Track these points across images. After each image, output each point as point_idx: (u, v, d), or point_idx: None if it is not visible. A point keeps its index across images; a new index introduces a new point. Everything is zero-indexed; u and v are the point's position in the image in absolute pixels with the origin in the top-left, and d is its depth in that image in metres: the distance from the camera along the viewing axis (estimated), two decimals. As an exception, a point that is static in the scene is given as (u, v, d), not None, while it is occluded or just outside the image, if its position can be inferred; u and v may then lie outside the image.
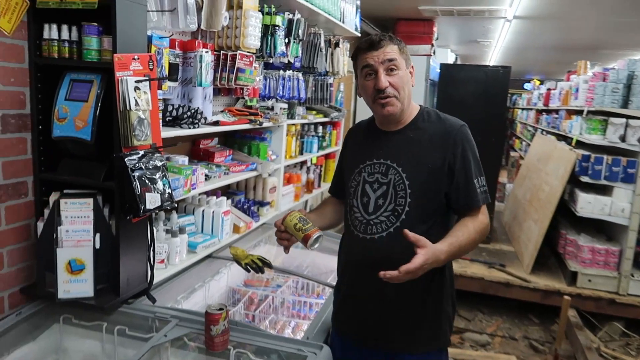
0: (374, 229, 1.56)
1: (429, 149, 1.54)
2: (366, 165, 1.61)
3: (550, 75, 13.91)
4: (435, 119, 1.60)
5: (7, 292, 1.60)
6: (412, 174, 1.53)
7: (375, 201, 1.56)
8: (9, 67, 1.51)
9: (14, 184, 1.58)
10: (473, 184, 1.52)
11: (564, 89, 6.03)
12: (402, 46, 1.55)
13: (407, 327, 1.58)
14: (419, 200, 1.52)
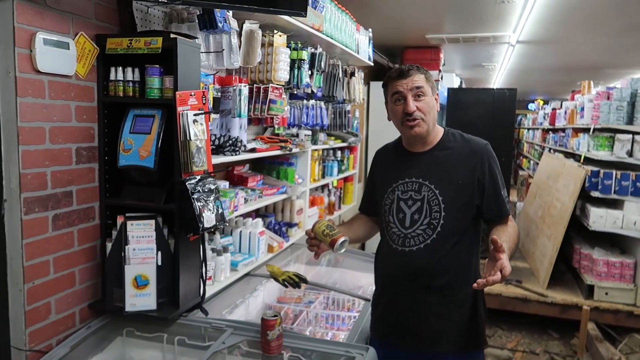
0: (411, 242, 1.70)
1: (458, 167, 1.70)
2: (399, 184, 1.76)
3: (553, 95, 14.15)
4: (460, 139, 1.76)
5: (78, 307, 1.76)
6: (444, 189, 1.68)
7: (412, 216, 1.71)
8: (82, 105, 1.72)
9: (85, 209, 1.76)
10: (501, 195, 1.70)
11: (570, 108, 6.22)
12: (428, 75, 1.73)
13: (449, 331, 1.70)
14: (453, 213, 1.67)
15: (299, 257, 3.04)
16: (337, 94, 3.46)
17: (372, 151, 6.81)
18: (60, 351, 1.62)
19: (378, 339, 1.85)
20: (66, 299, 1.71)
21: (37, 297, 1.60)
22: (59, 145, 1.64)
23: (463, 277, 1.70)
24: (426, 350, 1.72)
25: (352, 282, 2.85)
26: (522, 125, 14.38)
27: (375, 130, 5.87)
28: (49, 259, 1.63)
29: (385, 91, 1.78)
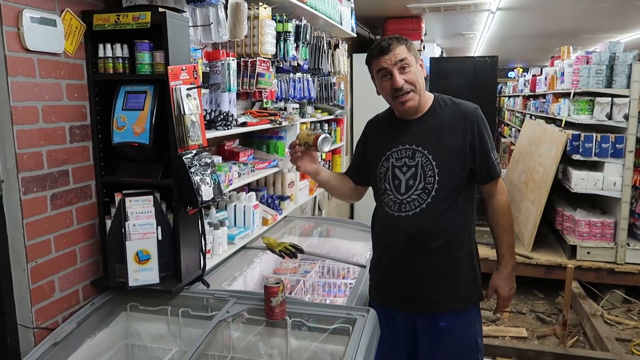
0: (407, 207, 1.75)
1: (450, 132, 1.74)
2: (393, 152, 1.79)
3: (532, 62, 14.25)
4: (451, 104, 1.79)
5: (81, 284, 1.79)
6: (437, 154, 1.72)
7: (407, 182, 1.75)
8: (73, 83, 1.70)
9: (81, 187, 1.77)
10: (491, 158, 1.75)
11: (550, 74, 6.30)
12: (409, 44, 1.72)
13: (447, 290, 1.77)
14: (446, 177, 1.72)
15: (292, 229, 3.08)
16: (322, 66, 3.46)
17: (357, 123, 6.83)
18: (67, 327, 1.64)
19: (378, 302, 1.90)
20: (69, 277, 1.73)
21: (41, 275, 1.61)
22: (53, 124, 1.63)
23: (458, 238, 1.77)
24: (425, 311, 1.79)
25: (345, 251, 2.91)
26: (502, 94, 14.50)
27: (360, 102, 5.88)
28: (50, 238, 1.64)
29: (370, 68, 1.79)
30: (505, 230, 1.82)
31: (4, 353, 1.53)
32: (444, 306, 1.78)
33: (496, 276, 1.87)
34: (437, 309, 1.78)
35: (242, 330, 1.77)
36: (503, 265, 1.84)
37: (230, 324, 1.76)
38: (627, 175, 4.38)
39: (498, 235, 1.83)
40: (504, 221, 1.82)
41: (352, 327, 1.64)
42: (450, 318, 1.79)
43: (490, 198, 1.83)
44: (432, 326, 1.79)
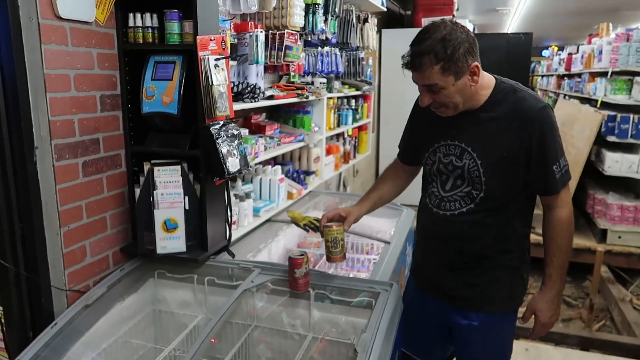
0: (447, 206, 1.60)
1: (504, 135, 1.49)
2: (441, 146, 1.60)
3: (569, 40, 13.74)
4: (512, 98, 1.50)
5: (111, 250, 1.83)
6: (486, 160, 1.51)
7: (454, 181, 1.58)
8: (103, 53, 1.72)
9: (112, 156, 1.80)
10: (551, 170, 1.50)
11: (587, 52, 6.08)
12: (448, 63, 1.39)
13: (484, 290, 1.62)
14: (494, 186, 1.52)
15: (317, 204, 3.10)
16: (351, 40, 3.41)
17: (385, 100, 6.78)
18: (98, 291, 1.70)
19: (416, 283, 1.83)
20: (99, 243, 1.77)
21: (73, 240, 1.66)
22: (84, 92, 1.66)
23: (501, 246, 1.60)
24: (459, 306, 1.68)
25: (369, 227, 2.90)
26: (535, 73, 14.08)
27: (388, 78, 5.79)
28: (82, 204, 1.68)
29: None
30: (559, 249, 1.55)
31: (38, 313, 1.59)
32: (478, 306, 1.64)
33: (538, 298, 1.61)
34: (470, 307, 1.66)
35: (266, 300, 1.79)
36: (548, 287, 1.58)
37: (255, 294, 1.79)
38: (664, 159, 4.23)
39: (549, 252, 1.57)
40: (560, 239, 1.55)
41: (375, 301, 1.64)
42: (484, 318, 1.65)
43: (548, 210, 1.58)
44: (465, 322, 1.67)
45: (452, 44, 1.38)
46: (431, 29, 1.41)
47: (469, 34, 1.42)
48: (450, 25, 1.41)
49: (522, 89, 1.53)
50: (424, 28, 1.44)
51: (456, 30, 1.40)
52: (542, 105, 1.49)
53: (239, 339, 1.74)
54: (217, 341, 1.74)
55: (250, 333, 1.78)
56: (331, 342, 1.72)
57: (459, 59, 1.39)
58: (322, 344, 1.73)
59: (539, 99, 1.52)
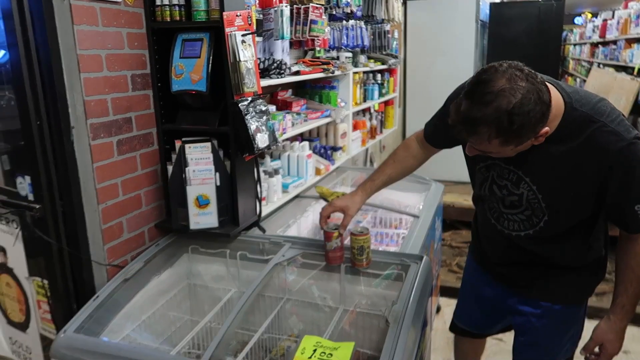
0: (507, 224, 1.49)
1: (574, 174, 1.29)
2: (494, 164, 1.41)
3: (603, 6, 13.15)
4: (587, 132, 1.23)
5: (147, 227, 1.89)
6: (549, 196, 1.35)
7: (512, 203, 1.43)
8: (133, 32, 1.74)
9: (144, 134, 1.84)
10: (633, 210, 1.29)
11: (623, 17, 5.82)
12: (512, 137, 1.14)
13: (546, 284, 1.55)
14: (559, 219, 1.39)
15: (344, 179, 3.10)
16: (376, 13, 3.36)
17: (411, 74, 6.64)
18: (136, 265, 1.75)
19: (476, 263, 1.79)
20: (135, 219, 1.83)
21: (111, 217, 1.72)
22: (116, 72, 1.69)
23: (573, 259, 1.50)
24: (521, 294, 1.61)
25: (398, 202, 2.90)
26: (567, 42, 13.59)
27: (414, 51, 5.68)
28: (117, 182, 1.73)
29: None
30: (637, 279, 1.37)
31: (81, 286, 1.66)
32: (543, 296, 1.56)
33: (605, 328, 1.45)
34: (534, 296, 1.58)
35: (296, 273, 1.83)
36: (619, 318, 1.42)
37: (286, 267, 1.82)
38: None
39: (624, 280, 1.39)
40: (639, 269, 1.37)
41: (405, 274, 1.65)
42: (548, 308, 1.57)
43: (625, 239, 1.38)
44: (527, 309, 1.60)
45: (521, 118, 1.09)
46: (496, 89, 1.09)
47: (543, 96, 1.12)
48: (522, 87, 1.09)
49: (599, 119, 1.23)
50: (486, 79, 1.12)
51: (530, 99, 1.09)
52: (626, 143, 1.21)
53: (271, 311, 1.78)
54: (250, 313, 1.79)
55: (282, 305, 1.82)
56: (362, 314, 1.75)
57: (526, 133, 1.15)
58: (352, 316, 1.76)
59: (623, 132, 1.22)
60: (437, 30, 5.49)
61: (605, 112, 1.25)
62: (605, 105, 1.27)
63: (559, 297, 1.56)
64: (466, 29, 5.44)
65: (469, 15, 5.45)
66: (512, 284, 1.63)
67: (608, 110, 1.26)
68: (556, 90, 1.25)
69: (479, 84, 1.12)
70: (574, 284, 1.54)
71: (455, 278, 4.12)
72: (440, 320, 3.01)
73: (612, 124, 1.23)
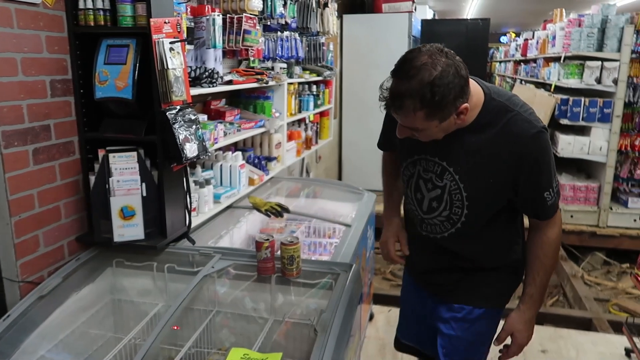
0: (429, 228, 1.52)
1: (491, 162, 1.35)
2: (421, 159, 1.46)
3: (525, 27, 14.09)
4: (503, 119, 1.32)
5: (66, 240, 1.79)
6: (470, 184, 1.39)
7: (430, 202, 1.47)
8: (53, 36, 1.66)
9: (64, 143, 1.75)
10: (543, 197, 1.37)
11: (541, 38, 6.25)
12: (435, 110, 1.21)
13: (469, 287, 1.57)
14: (477, 211, 1.43)
15: (279, 190, 3.10)
16: (311, 25, 3.40)
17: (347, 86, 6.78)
18: (53, 282, 1.66)
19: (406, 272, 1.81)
20: (53, 232, 1.73)
21: (25, 230, 1.61)
22: (33, 77, 1.60)
23: (495, 255, 1.54)
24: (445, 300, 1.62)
25: (332, 212, 2.93)
26: (494, 59, 14.39)
27: (350, 64, 5.81)
28: (33, 193, 1.64)
29: None
30: (544, 268, 1.45)
31: (-10, 305, 1.55)
32: (464, 299, 1.57)
33: (516, 318, 1.51)
34: (455, 300, 1.59)
35: (228, 285, 1.80)
36: (527, 307, 1.49)
37: (216, 279, 1.79)
38: (613, 140, 4.43)
39: (532, 270, 1.47)
40: (547, 258, 1.45)
41: (335, 283, 1.67)
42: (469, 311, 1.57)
43: (535, 228, 1.47)
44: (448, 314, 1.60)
45: (441, 89, 1.18)
46: (419, 64, 1.18)
47: (461, 71, 1.21)
48: (442, 62, 1.18)
49: (514, 108, 1.33)
50: (410, 57, 1.21)
51: (449, 72, 1.18)
52: (537, 130, 1.32)
53: (200, 324, 1.74)
54: (179, 328, 1.74)
55: (212, 318, 1.78)
56: (293, 324, 1.74)
57: (447, 105, 1.21)
58: (284, 327, 1.75)
59: (534, 120, 1.34)
60: (371, 44, 5.65)
61: (519, 103, 1.36)
62: (517, 99, 1.38)
63: (480, 299, 1.57)
64: (399, 44, 5.63)
65: (402, 31, 5.65)
66: (437, 290, 1.65)
67: (521, 103, 1.37)
68: (476, 83, 1.35)
69: (404, 62, 1.21)
70: (495, 286, 1.57)
71: (389, 286, 4.21)
72: (373, 328, 3.05)
73: (525, 113, 1.34)
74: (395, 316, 3.20)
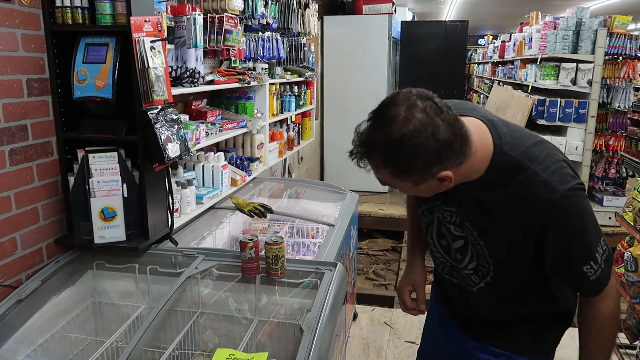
0: (460, 277, 1.34)
1: (509, 226, 1.14)
2: (438, 206, 1.26)
3: (503, 29, 14.34)
4: (516, 181, 1.09)
5: (45, 243, 1.75)
6: (490, 244, 1.20)
7: (455, 253, 1.29)
8: (29, 34, 1.62)
9: (42, 143, 1.71)
10: (582, 272, 1.12)
11: (518, 40, 6.36)
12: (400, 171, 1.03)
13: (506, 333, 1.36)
14: (505, 270, 1.23)
15: (262, 190, 3.09)
16: (292, 26, 3.40)
17: (328, 87, 6.81)
18: (31, 285, 1.62)
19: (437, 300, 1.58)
20: (31, 235, 1.69)
21: (1, 232, 1.57)
22: (8, 76, 1.56)
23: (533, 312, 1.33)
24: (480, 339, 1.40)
25: (315, 212, 2.93)
26: (472, 60, 14.59)
27: (331, 65, 5.83)
28: (10, 194, 1.60)
29: None
30: (599, 345, 1.21)
31: (-35, 310, 1.50)
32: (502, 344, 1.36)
33: None
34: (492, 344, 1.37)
35: (212, 286, 1.78)
36: None
37: (199, 281, 1.77)
38: (588, 140, 4.53)
39: (586, 347, 1.22)
40: (600, 335, 1.20)
41: (320, 282, 1.67)
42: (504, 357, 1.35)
43: (584, 301, 1.22)
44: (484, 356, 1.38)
45: (408, 150, 0.98)
46: (392, 114, 0.99)
47: (439, 134, 0.98)
48: (418, 118, 0.98)
49: (529, 165, 1.08)
50: (387, 102, 1.03)
51: (422, 132, 0.97)
52: (559, 195, 1.06)
53: (184, 326, 1.72)
54: (161, 330, 1.71)
55: (195, 320, 1.76)
56: (278, 324, 1.74)
57: (416, 169, 1.01)
58: (269, 327, 1.74)
59: (556, 181, 1.07)
60: (352, 46, 5.67)
61: (539, 158, 1.09)
62: (540, 149, 1.11)
63: (521, 346, 1.35)
64: (379, 46, 5.68)
65: (382, 33, 5.69)
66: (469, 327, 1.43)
67: (542, 156, 1.10)
68: (487, 130, 1.11)
69: (380, 107, 1.04)
70: (538, 334, 1.35)
71: (372, 285, 4.23)
72: (356, 327, 3.06)
73: (545, 172, 1.08)
74: (379, 315, 3.22)
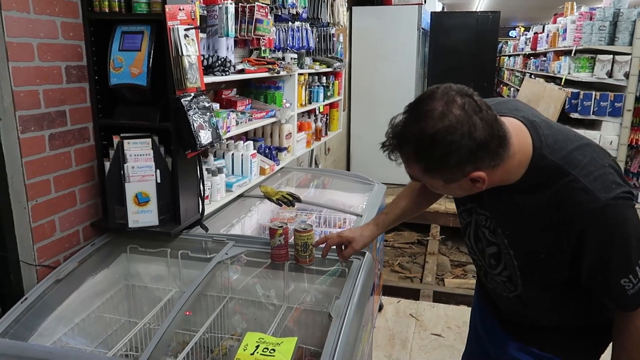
0: (494, 284, 1.32)
1: (544, 232, 1.08)
2: (475, 208, 1.23)
3: (535, 21, 13.99)
4: (556, 187, 1.03)
5: (81, 226, 1.81)
6: (519, 255, 1.16)
7: (489, 258, 1.26)
8: (68, 22, 1.67)
9: (79, 129, 1.76)
10: (619, 286, 1.06)
11: (552, 31, 6.20)
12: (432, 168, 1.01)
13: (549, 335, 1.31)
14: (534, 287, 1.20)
15: (289, 180, 3.11)
16: (321, 16, 3.40)
17: (355, 78, 6.79)
18: (69, 266, 1.67)
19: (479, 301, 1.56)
20: (69, 217, 1.74)
21: (41, 214, 1.63)
22: (48, 63, 1.61)
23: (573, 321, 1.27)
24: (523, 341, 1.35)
25: (342, 202, 2.94)
26: (502, 53, 14.30)
27: (359, 56, 5.79)
28: (49, 178, 1.65)
29: None
30: None
31: (7, 288, 1.56)
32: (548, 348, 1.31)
33: None
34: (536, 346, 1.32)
35: (240, 272, 1.81)
36: None
37: (229, 266, 1.80)
38: (624, 134, 4.39)
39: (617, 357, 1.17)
40: (635, 352, 1.12)
41: (348, 270, 1.68)
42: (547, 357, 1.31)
43: (620, 314, 1.15)
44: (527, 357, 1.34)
45: (441, 146, 0.95)
46: (428, 108, 0.97)
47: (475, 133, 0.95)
48: (455, 115, 0.95)
49: (570, 171, 1.02)
50: (425, 97, 1.01)
51: (457, 129, 0.94)
52: (600, 204, 1.00)
53: (213, 310, 1.75)
54: (192, 313, 1.75)
55: (225, 305, 1.80)
56: (305, 310, 1.75)
57: (449, 167, 0.99)
58: (296, 313, 1.76)
59: (598, 189, 1.01)
60: (381, 37, 5.63)
61: (581, 163, 1.03)
62: (583, 154, 1.05)
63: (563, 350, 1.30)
64: (408, 37, 5.61)
65: (411, 24, 5.62)
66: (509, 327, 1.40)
67: (585, 161, 1.04)
68: (527, 133, 1.07)
69: (418, 101, 1.03)
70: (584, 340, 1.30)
71: (398, 277, 4.22)
72: (382, 318, 3.06)
73: (586, 178, 1.02)
74: (405, 307, 3.22)
